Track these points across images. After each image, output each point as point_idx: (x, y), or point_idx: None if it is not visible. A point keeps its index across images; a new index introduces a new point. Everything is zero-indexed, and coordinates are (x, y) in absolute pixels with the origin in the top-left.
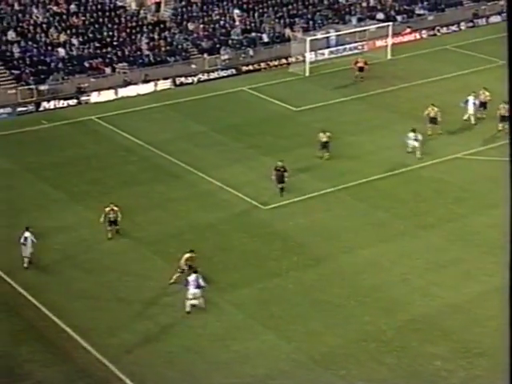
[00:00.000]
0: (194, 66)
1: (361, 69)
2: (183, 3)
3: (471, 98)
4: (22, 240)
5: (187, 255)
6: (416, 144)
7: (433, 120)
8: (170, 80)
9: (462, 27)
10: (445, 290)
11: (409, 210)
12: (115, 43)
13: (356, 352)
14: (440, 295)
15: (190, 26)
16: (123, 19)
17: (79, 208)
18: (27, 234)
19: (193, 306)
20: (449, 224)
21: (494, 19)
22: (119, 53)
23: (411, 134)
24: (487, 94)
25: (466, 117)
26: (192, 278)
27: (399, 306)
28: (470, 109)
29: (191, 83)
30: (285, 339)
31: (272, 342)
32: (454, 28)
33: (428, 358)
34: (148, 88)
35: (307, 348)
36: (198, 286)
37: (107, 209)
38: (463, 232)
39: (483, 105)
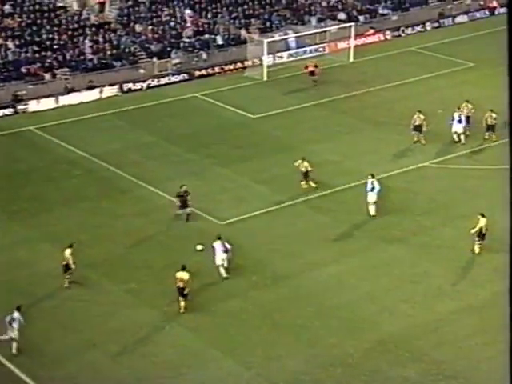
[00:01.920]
0: (142, 71)
1: (312, 73)
2: (130, 3)
3: (457, 115)
4: (7, 319)
5: (69, 250)
6: (372, 195)
7: (417, 128)
8: (116, 86)
9: (428, 27)
10: (414, 308)
11: (374, 223)
12: (55, 47)
13: (322, 378)
14: (409, 313)
15: (138, 28)
16: (64, 20)
17: (16, 227)
18: (16, 314)
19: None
20: (416, 237)
21: (461, 19)
22: (60, 57)
23: (370, 181)
24: (470, 106)
25: (455, 137)
26: (217, 243)
27: (366, 327)
28: (458, 127)
29: (140, 89)
30: (244, 365)
31: (230, 368)
32: (419, 28)
33: (399, 381)
34: (92, 95)
35: (268, 375)
36: (226, 250)
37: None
38: (432, 245)
39: (468, 119)
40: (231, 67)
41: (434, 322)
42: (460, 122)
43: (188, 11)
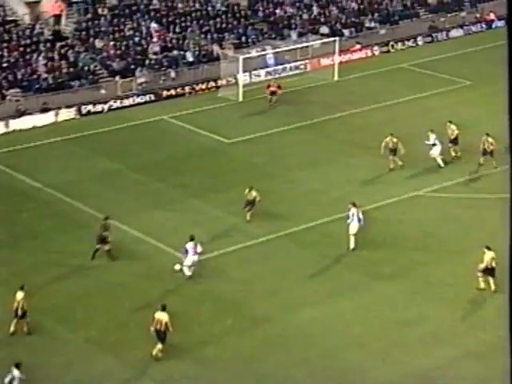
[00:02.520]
0: (103, 92)
1: (273, 93)
2: (89, 16)
3: (432, 138)
4: (7, 379)
5: (21, 293)
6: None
7: (393, 151)
8: (74, 109)
9: (419, 42)
10: (408, 355)
11: (362, 259)
12: (5, 65)
13: None
14: (402, 360)
15: (98, 43)
16: (15, 35)
17: None
18: (16, 372)
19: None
20: (409, 274)
21: (456, 33)
22: (10, 76)
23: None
24: (453, 127)
25: (439, 161)
26: (190, 245)
27: (355, 375)
28: (434, 150)
29: (100, 112)
30: None
31: None
32: (410, 43)
33: None
34: (47, 119)
35: None
36: (197, 253)
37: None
38: (427, 284)
39: (453, 141)
40: (203, 87)
41: (431, 370)
42: (435, 145)
43: (154, 25)
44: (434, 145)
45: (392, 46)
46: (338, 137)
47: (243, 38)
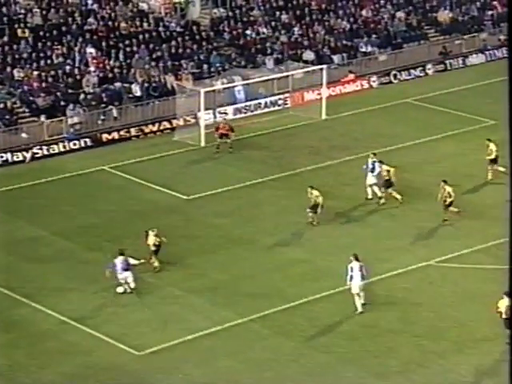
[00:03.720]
0: (24, 136)
1: (224, 135)
2: (5, 39)
3: (370, 162)
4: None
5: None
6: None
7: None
8: None
9: (429, 71)
10: None
11: (360, 349)
12: None
13: None
14: None
15: (18, 74)
16: None
17: None
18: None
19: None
20: (420, 369)
21: (475, 59)
22: None
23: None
24: (492, 147)
25: (368, 192)
26: (119, 259)
27: None
28: (371, 178)
29: (21, 162)
30: None
31: None
32: (416, 72)
33: None
34: None
35: None
36: (127, 269)
37: None
38: (443, 381)
39: (493, 161)
40: (154, 128)
41: None
42: (373, 171)
43: (90, 50)
44: (373, 171)
45: (394, 75)
46: (326, 191)
47: (205, 67)
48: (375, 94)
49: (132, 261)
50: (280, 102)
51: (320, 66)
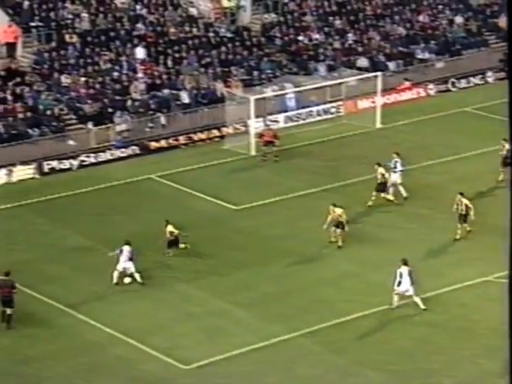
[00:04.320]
0: (71, 143)
1: (268, 143)
2: (53, 44)
3: (393, 162)
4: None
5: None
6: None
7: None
8: (32, 165)
9: (489, 79)
10: None
11: (414, 366)
12: None
13: None
14: None
15: (65, 80)
16: None
17: None
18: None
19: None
20: None
21: None
22: None
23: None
24: (507, 146)
25: (390, 193)
26: (127, 248)
27: None
28: (395, 177)
29: (68, 170)
30: None
31: None
32: (476, 80)
33: None
34: None
35: None
36: (131, 258)
37: None
38: None
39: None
40: (203, 136)
41: None
42: (395, 170)
43: (139, 55)
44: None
45: (452, 83)
46: (380, 202)
47: (255, 73)
48: (432, 103)
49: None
50: (333, 110)
51: (375, 73)
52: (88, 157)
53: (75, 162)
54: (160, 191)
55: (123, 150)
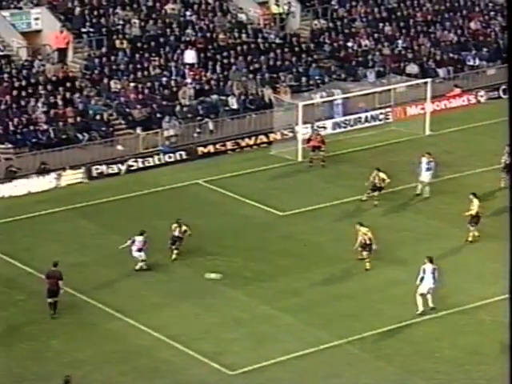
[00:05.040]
0: (120, 148)
1: (316, 148)
2: (103, 50)
3: (425, 161)
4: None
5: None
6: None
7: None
8: (81, 170)
9: None
10: None
11: (463, 376)
12: None
13: None
14: None
15: (114, 85)
16: (7, 75)
17: None
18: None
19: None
20: None
21: None
22: None
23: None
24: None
25: (419, 188)
26: (138, 239)
27: None
28: (426, 175)
29: (116, 174)
30: None
31: None
32: None
33: None
34: (45, 183)
35: None
36: (141, 249)
37: None
38: None
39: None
40: (250, 142)
41: None
42: (429, 169)
43: (188, 61)
44: (429, 169)
45: (504, 90)
46: (429, 209)
47: (304, 80)
48: (483, 110)
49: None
50: (381, 116)
51: (424, 80)
52: (136, 162)
53: (123, 167)
54: (207, 197)
55: (171, 155)
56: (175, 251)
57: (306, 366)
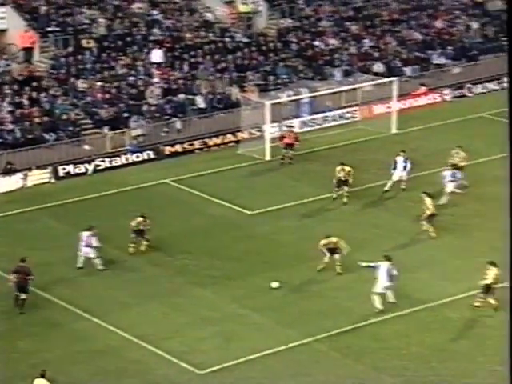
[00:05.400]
0: (87, 148)
1: (288, 146)
2: (69, 49)
3: (401, 160)
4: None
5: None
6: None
7: (342, 183)
8: (48, 169)
9: (506, 84)
10: None
11: (431, 373)
12: None
13: None
14: None
15: (81, 85)
16: None
17: None
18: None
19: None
20: None
21: None
22: None
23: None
24: (462, 154)
25: (387, 187)
26: (85, 234)
27: None
28: (401, 174)
29: (83, 174)
30: None
31: None
32: (492, 86)
33: None
34: (12, 183)
35: None
36: (88, 245)
37: None
38: None
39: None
40: (218, 141)
41: None
42: (405, 168)
43: (156, 57)
44: (405, 167)
45: (468, 89)
46: (395, 209)
47: (271, 79)
48: (448, 108)
49: (95, 242)
50: (348, 115)
51: (391, 79)
52: (103, 161)
53: (90, 167)
54: (175, 196)
55: (138, 154)
56: (145, 242)
57: (275, 364)
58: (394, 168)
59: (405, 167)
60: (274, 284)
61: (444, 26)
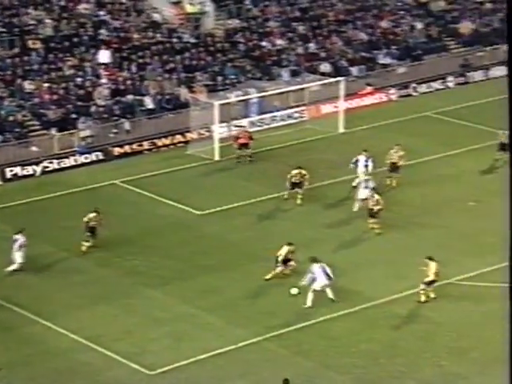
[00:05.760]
0: (35, 149)
1: (243, 146)
2: (16, 50)
3: (363, 158)
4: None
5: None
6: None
7: (296, 185)
8: None
9: (450, 84)
10: None
11: (379, 369)
12: None
13: None
14: None
15: (28, 86)
16: None
17: None
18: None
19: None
20: None
21: (497, 72)
22: None
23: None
24: (401, 152)
25: (355, 183)
26: (17, 237)
27: None
28: (363, 172)
29: (31, 176)
30: None
31: None
32: (436, 85)
33: None
34: None
35: None
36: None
37: None
38: None
39: (395, 168)
40: (167, 142)
41: None
42: (366, 166)
43: (103, 58)
44: (366, 166)
45: (414, 88)
46: (343, 207)
47: (219, 79)
48: (394, 108)
49: (21, 239)
50: (296, 115)
51: (337, 79)
52: (51, 163)
53: (38, 168)
54: (124, 197)
55: (87, 155)
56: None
57: (225, 363)
58: (355, 164)
59: (366, 166)
60: (294, 290)
61: (389, 27)
